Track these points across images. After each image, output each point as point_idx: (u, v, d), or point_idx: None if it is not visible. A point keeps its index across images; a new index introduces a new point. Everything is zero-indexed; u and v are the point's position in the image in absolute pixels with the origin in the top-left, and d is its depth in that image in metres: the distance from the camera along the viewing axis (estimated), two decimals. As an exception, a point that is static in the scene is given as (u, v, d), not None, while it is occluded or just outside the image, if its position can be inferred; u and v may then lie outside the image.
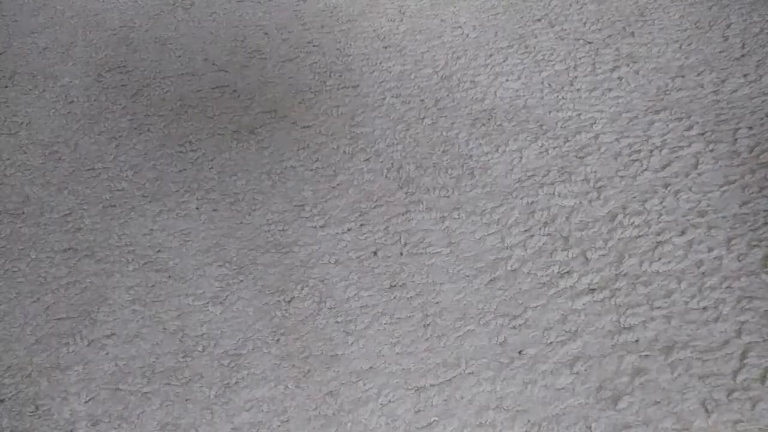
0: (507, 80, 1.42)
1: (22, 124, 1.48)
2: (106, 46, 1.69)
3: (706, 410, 0.85)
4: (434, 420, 0.90)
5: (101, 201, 1.28)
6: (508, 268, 1.06)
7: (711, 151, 1.19)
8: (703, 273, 1.00)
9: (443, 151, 1.28)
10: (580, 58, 1.45)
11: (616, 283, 1.01)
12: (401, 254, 1.11)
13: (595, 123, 1.29)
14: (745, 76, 1.32)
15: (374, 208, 1.20)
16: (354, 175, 1.27)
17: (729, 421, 0.84)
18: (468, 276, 1.06)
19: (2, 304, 1.11)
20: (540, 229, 1.11)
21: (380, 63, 1.53)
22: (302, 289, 1.08)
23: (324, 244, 1.15)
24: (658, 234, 1.07)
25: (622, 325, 0.96)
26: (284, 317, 1.04)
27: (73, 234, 1.22)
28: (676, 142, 1.21)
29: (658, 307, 0.97)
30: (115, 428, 0.94)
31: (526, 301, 1.01)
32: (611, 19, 1.55)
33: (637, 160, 1.20)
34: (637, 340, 0.94)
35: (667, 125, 1.25)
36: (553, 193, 1.17)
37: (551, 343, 0.96)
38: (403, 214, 1.18)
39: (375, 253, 1.12)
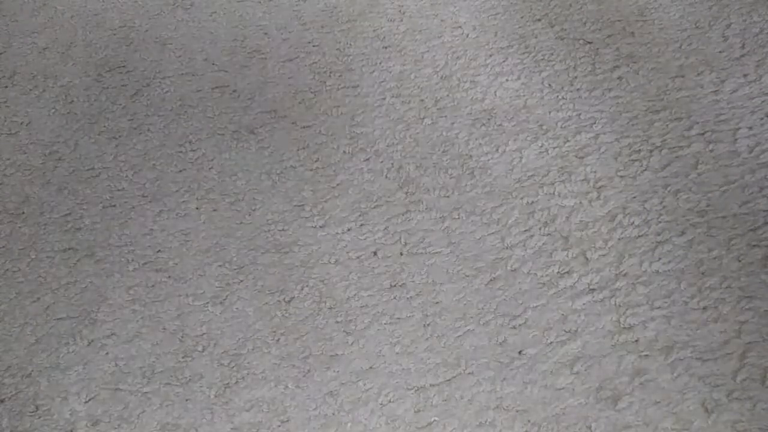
0: (507, 80, 1.42)
1: (22, 124, 1.48)
2: (106, 46, 1.69)
3: (706, 410, 0.85)
4: (434, 420, 0.90)
5: (101, 201, 1.27)
6: (508, 268, 1.06)
7: (711, 151, 1.19)
8: (703, 273, 1.00)
9: (443, 151, 1.28)
10: (580, 58, 1.45)
11: (616, 283, 1.01)
12: (401, 254, 1.11)
13: (595, 123, 1.29)
14: (745, 76, 1.32)
15: (374, 208, 1.20)
16: (354, 175, 1.26)
17: (729, 421, 0.84)
18: (468, 276, 1.06)
19: (2, 304, 1.11)
20: (540, 229, 1.11)
21: (380, 63, 1.53)
22: (302, 289, 1.08)
23: (324, 244, 1.15)
24: (658, 234, 1.07)
25: (622, 325, 0.96)
26: (284, 317, 1.04)
27: (73, 234, 1.22)
28: (676, 142, 1.21)
29: (658, 307, 0.97)
30: (115, 428, 0.94)
31: (526, 301, 1.01)
32: (611, 19, 1.55)
33: (637, 160, 1.20)
34: (637, 340, 0.94)
35: (667, 125, 1.25)
36: (553, 193, 1.17)
37: (551, 343, 0.96)
38: (403, 214, 1.18)
39: (375, 253, 1.12)
